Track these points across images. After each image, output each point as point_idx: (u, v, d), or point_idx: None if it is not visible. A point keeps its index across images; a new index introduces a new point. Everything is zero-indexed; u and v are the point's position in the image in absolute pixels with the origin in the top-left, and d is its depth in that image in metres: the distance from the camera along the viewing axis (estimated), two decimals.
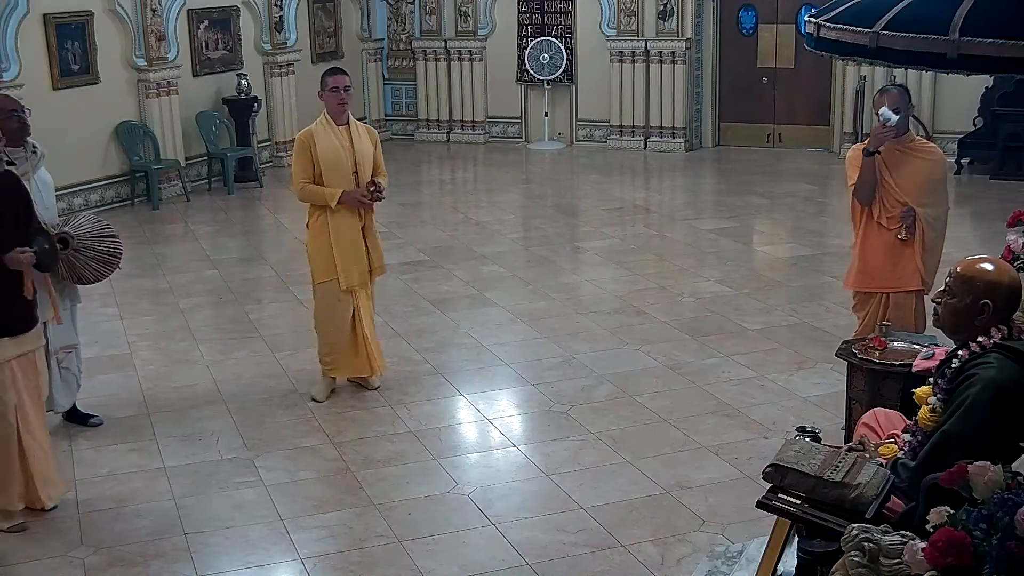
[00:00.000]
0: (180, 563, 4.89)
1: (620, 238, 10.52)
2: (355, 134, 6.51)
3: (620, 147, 14.83)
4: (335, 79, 6.47)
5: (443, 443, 6.07)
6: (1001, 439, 3.32)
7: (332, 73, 6.57)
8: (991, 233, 9.29)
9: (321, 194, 6.41)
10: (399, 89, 16.27)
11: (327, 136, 6.43)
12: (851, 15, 3.46)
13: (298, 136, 6.56)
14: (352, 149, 6.46)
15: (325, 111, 6.51)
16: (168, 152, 12.48)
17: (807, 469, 3.66)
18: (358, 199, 6.43)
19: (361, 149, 6.49)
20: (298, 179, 6.45)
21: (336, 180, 6.40)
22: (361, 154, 6.48)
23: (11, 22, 10.81)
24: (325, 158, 6.38)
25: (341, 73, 6.57)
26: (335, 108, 6.45)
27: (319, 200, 6.45)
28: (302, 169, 6.42)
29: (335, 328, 6.59)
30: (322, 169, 6.39)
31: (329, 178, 6.40)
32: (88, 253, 5.93)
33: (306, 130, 6.52)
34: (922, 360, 4.46)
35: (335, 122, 6.46)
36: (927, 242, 5.85)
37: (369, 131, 6.66)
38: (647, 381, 6.83)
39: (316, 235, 6.53)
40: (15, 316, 5.11)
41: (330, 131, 6.44)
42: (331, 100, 6.45)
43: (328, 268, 6.52)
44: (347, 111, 6.50)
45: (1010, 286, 3.64)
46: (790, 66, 14.45)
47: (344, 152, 6.43)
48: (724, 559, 4.70)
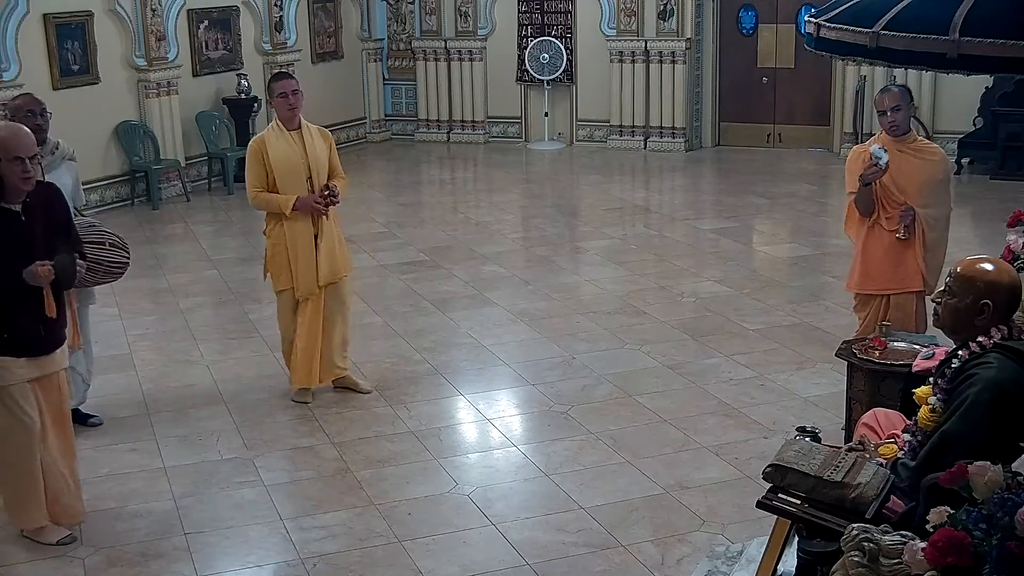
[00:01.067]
0: (180, 563, 4.89)
1: (620, 238, 10.52)
2: (308, 138, 6.40)
3: (620, 147, 14.83)
4: (281, 84, 6.37)
5: (443, 443, 6.07)
6: (1001, 439, 3.32)
7: (278, 79, 6.47)
8: (991, 233, 9.29)
9: (275, 202, 6.32)
10: (399, 89, 16.27)
11: (279, 142, 6.33)
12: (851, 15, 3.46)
13: (250, 144, 6.45)
14: (306, 154, 6.35)
15: (276, 117, 6.43)
16: (168, 152, 12.48)
17: (807, 469, 3.66)
18: (312, 205, 6.33)
19: (315, 154, 6.38)
20: (251, 187, 6.36)
21: (290, 186, 6.31)
22: (315, 159, 6.37)
23: (11, 22, 10.82)
24: (278, 165, 6.29)
25: (287, 78, 6.49)
26: (285, 114, 6.35)
27: (273, 208, 6.35)
28: (255, 177, 6.33)
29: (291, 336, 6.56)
30: (276, 176, 6.30)
31: (283, 185, 6.31)
32: None
33: (257, 137, 6.44)
34: (922, 360, 4.46)
35: (287, 127, 6.37)
36: (928, 243, 5.85)
37: (323, 133, 6.55)
38: (647, 381, 6.83)
39: (274, 243, 6.45)
40: (34, 336, 4.85)
41: (282, 137, 6.35)
42: (281, 106, 6.35)
43: (286, 276, 6.46)
44: (298, 116, 6.39)
45: (1010, 286, 3.65)
46: (790, 66, 14.45)
47: (297, 158, 6.33)
48: (724, 559, 4.70)
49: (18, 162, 4.70)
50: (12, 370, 4.82)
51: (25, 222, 4.81)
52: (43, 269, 4.77)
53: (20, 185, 4.74)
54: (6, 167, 4.69)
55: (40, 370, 4.93)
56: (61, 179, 5.94)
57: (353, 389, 6.73)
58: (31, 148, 4.79)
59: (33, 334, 4.86)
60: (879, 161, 5.60)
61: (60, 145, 5.98)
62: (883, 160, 5.60)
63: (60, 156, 5.98)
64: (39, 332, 4.88)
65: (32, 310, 4.82)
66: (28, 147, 4.77)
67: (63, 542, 5.04)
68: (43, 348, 4.92)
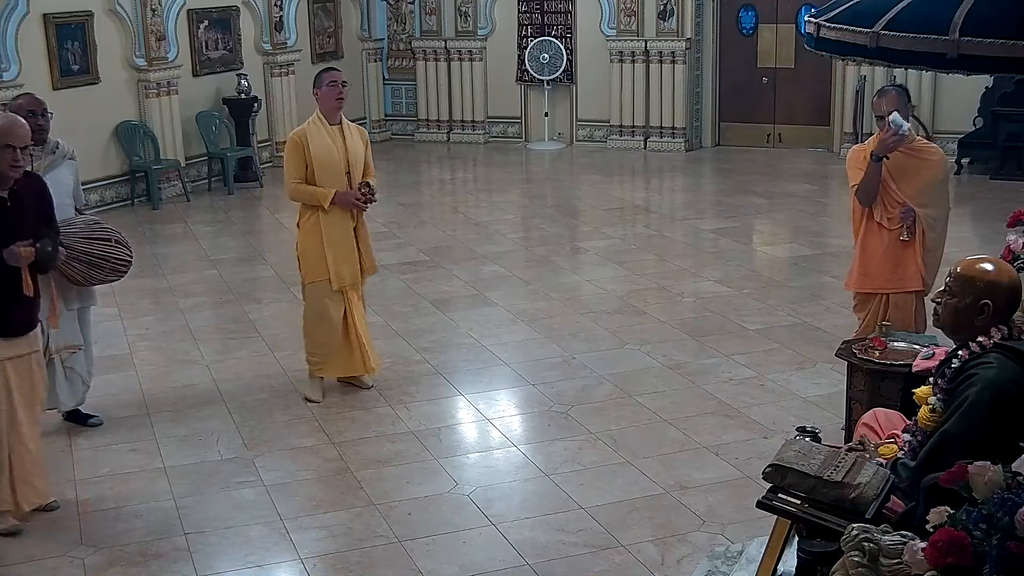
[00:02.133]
0: (180, 563, 4.89)
1: (620, 238, 10.52)
2: (347, 134, 6.48)
3: (620, 147, 14.83)
4: (333, 74, 6.47)
5: (443, 443, 6.07)
6: (1001, 439, 3.32)
7: (328, 70, 6.57)
8: (991, 233, 9.29)
9: (314, 194, 6.37)
10: (399, 89, 16.27)
11: (320, 135, 6.39)
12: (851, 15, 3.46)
13: (290, 135, 6.51)
14: (345, 149, 6.43)
15: (318, 111, 6.47)
16: (168, 152, 12.48)
17: (807, 469, 3.66)
18: (352, 201, 6.41)
19: (354, 149, 6.46)
20: (290, 178, 6.41)
21: (329, 180, 6.37)
22: (354, 154, 6.45)
23: (11, 22, 10.82)
24: (319, 158, 6.35)
25: (337, 70, 6.58)
26: (333, 104, 6.40)
27: (311, 200, 6.41)
28: (294, 168, 6.38)
29: (327, 328, 6.57)
30: (315, 169, 6.36)
31: (322, 178, 6.37)
32: (70, 253, 5.75)
33: (299, 129, 6.49)
34: (922, 360, 4.46)
35: (328, 121, 6.43)
36: (927, 243, 5.84)
37: (360, 131, 6.63)
38: (647, 381, 6.83)
39: (307, 235, 6.50)
40: (11, 317, 5.03)
41: (323, 130, 6.41)
42: (329, 95, 6.40)
43: (319, 268, 6.49)
44: (341, 109, 6.47)
45: (1010, 286, 3.64)
46: (790, 66, 14.45)
47: (337, 152, 6.40)
48: (724, 559, 4.70)
49: (9, 150, 4.85)
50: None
51: (11, 208, 4.95)
52: (25, 250, 4.93)
53: (8, 172, 4.89)
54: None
55: (13, 350, 5.05)
56: (62, 178, 5.95)
57: (357, 384, 6.75)
58: (24, 139, 4.94)
59: (8, 315, 5.00)
60: (900, 128, 5.57)
61: (60, 144, 5.99)
62: (904, 128, 5.57)
63: (61, 155, 5.98)
64: (15, 313, 5.02)
65: (9, 292, 4.96)
66: (22, 137, 4.92)
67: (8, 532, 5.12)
68: (18, 329, 5.06)
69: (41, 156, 5.80)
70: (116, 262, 6.05)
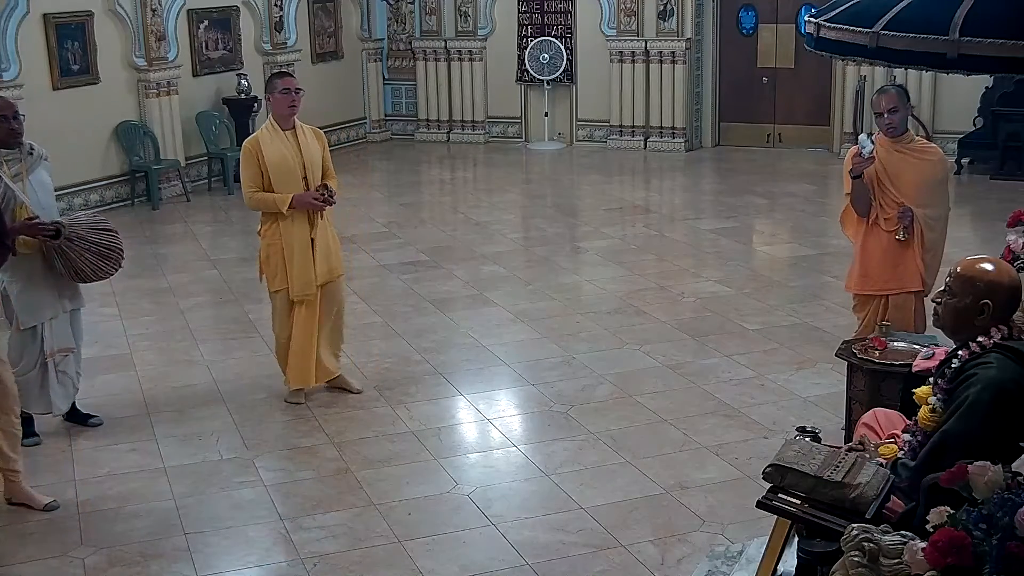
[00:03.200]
0: (180, 563, 4.89)
1: (620, 238, 10.52)
2: (302, 138, 6.42)
3: (620, 147, 14.83)
4: (285, 80, 6.43)
5: (443, 443, 6.07)
6: (1001, 439, 3.32)
7: (282, 76, 6.54)
8: (991, 233, 9.29)
9: (271, 201, 6.31)
10: (399, 89, 16.27)
11: (274, 142, 6.35)
12: (851, 15, 3.46)
13: (244, 144, 6.46)
14: (300, 154, 6.37)
15: (271, 116, 6.44)
16: (168, 152, 12.48)
17: (807, 469, 3.66)
18: (310, 201, 6.33)
19: (310, 153, 6.40)
20: (247, 187, 6.36)
21: (286, 186, 6.31)
22: (310, 158, 6.39)
23: (11, 22, 10.82)
24: (273, 164, 6.29)
25: (290, 76, 6.56)
26: (285, 111, 6.36)
27: (270, 207, 6.35)
28: (250, 177, 6.33)
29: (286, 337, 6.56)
30: (271, 175, 6.30)
31: (279, 184, 6.31)
32: (82, 244, 5.84)
33: (251, 137, 6.45)
34: (922, 360, 4.46)
35: (281, 127, 6.38)
36: (927, 243, 5.84)
37: (316, 133, 6.56)
38: (647, 381, 6.83)
39: (269, 243, 6.45)
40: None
41: (276, 137, 6.36)
42: (282, 102, 6.36)
43: (281, 277, 6.45)
44: (294, 115, 6.41)
45: (1010, 286, 3.64)
46: (790, 66, 14.45)
47: (292, 157, 6.34)
48: (724, 559, 4.70)
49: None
50: None
51: None
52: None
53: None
54: None
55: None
56: (44, 179, 5.96)
57: (346, 389, 6.73)
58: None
59: None
60: (862, 150, 5.61)
61: (35, 147, 5.95)
62: (867, 149, 5.60)
63: (38, 157, 5.96)
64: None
65: None
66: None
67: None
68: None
69: (20, 159, 5.79)
70: (120, 252, 6.11)
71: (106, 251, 6.00)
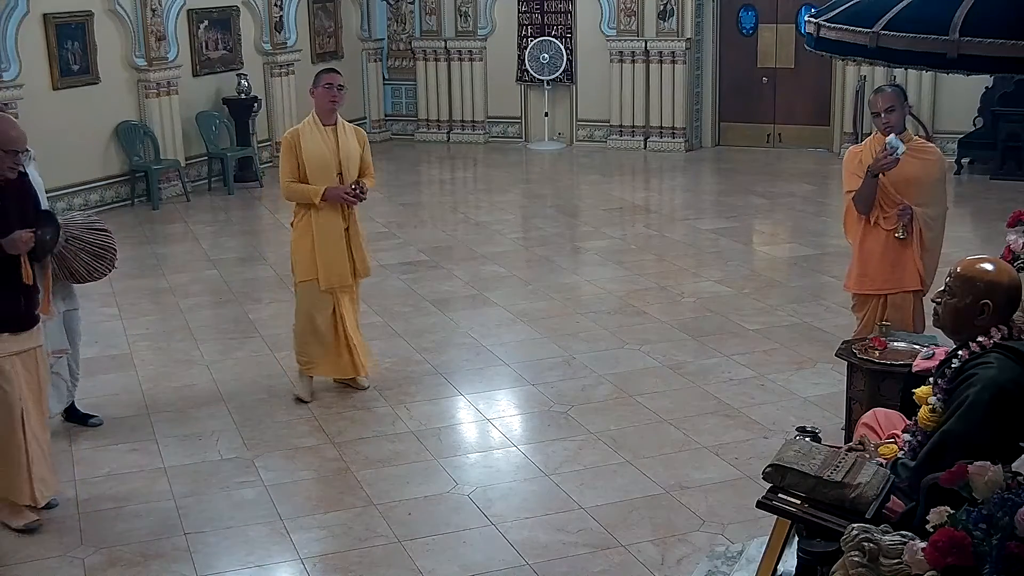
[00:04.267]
0: (180, 563, 4.89)
1: (620, 238, 10.52)
2: (342, 135, 6.52)
3: (620, 147, 14.83)
4: (330, 76, 6.51)
5: (443, 443, 6.07)
6: (1001, 439, 3.32)
7: (328, 71, 6.61)
8: (991, 233, 9.29)
9: (305, 192, 6.43)
10: (399, 89, 16.27)
11: (313, 136, 6.44)
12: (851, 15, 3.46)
13: (284, 135, 6.59)
14: (338, 150, 6.47)
15: (314, 111, 6.52)
16: (168, 152, 12.48)
17: (807, 469, 3.66)
18: (341, 195, 6.44)
19: (347, 150, 6.50)
20: (284, 177, 6.49)
21: (321, 180, 6.42)
22: (347, 155, 6.49)
23: (11, 22, 10.82)
24: (310, 158, 6.40)
25: (336, 72, 6.61)
26: (326, 105, 6.45)
27: (303, 198, 6.47)
28: (288, 168, 6.45)
29: (314, 328, 6.60)
30: (307, 169, 6.41)
31: (314, 178, 6.42)
32: (77, 244, 5.85)
33: (293, 129, 6.55)
34: (922, 360, 4.46)
35: (323, 122, 6.47)
36: (925, 242, 5.84)
37: (358, 132, 6.67)
38: (647, 381, 6.83)
39: (300, 234, 6.56)
40: (16, 312, 5.07)
41: (317, 131, 6.46)
42: (323, 97, 6.45)
43: (310, 267, 6.53)
44: (336, 111, 6.50)
45: (1010, 286, 3.64)
46: (790, 66, 14.45)
47: (330, 153, 6.44)
48: (724, 559, 4.70)
49: (11, 155, 4.96)
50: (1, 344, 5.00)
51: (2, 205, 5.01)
52: (26, 235, 4.99)
53: (7, 174, 4.99)
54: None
55: (20, 345, 5.10)
56: (34, 177, 5.96)
57: (352, 385, 6.75)
58: (24, 142, 5.06)
59: (13, 310, 5.05)
60: (895, 152, 5.58)
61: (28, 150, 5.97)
62: (900, 150, 5.57)
63: (29, 157, 5.98)
64: (19, 307, 5.08)
65: (11, 286, 5.01)
66: (24, 141, 5.05)
67: (28, 527, 5.16)
68: (23, 323, 5.11)
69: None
70: (114, 252, 6.12)
71: (100, 251, 6.01)
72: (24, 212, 5.15)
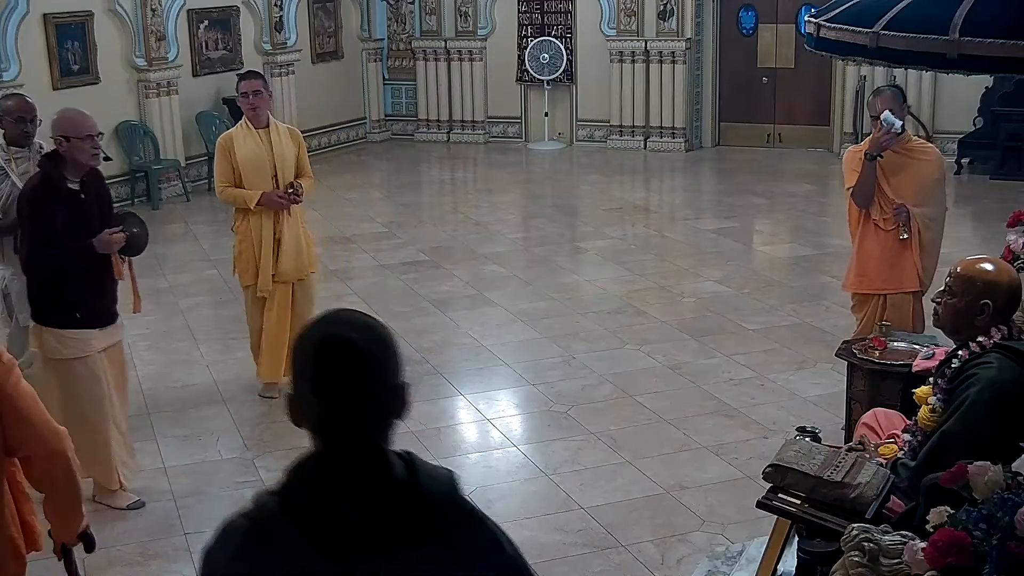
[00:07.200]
0: (180, 563, 4.89)
1: (620, 238, 10.52)
2: (275, 137, 6.53)
3: (620, 147, 14.83)
4: (244, 84, 6.52)
5: (443, 443, 6.07)
6: (1001, 439, 3.32)
7: (244, 77, 6.62)
8: (991, 233, 9.28)
9: (241, 197, 6.48)
10: (399, 89, 16.26)
11: (247, 140, 6.46)
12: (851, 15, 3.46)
13: (218, 140, 6.63)
14: (272, 152, 6.48)
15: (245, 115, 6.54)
16: (168, 152, 12.48)
17: (807, 469, 3.66)
18: (276, 200, 6.46)
19: (281, 152, 6.51)
20: (219, 182, 6.54)
21: (256, 183, 6.46)
22: (281, 157, 6.50)
23: (11, 22, 10.82)
24: (244, 161, 6.43)
25: (253, 78, 6.59)
26: (248, 114, 6.48)
27: (239, 202, 6.52)
28: (223, 173, 6.49)
29: (255, 331, 6.68)
30: (242, 172, 6.44)
31: (249, 181, 6.45)
32: None
33: (226, 133, 6.61)
34: (922, 360, 4.46)
35: (254, 125, 6.48)
36: (924, 243, 5.84)
37: (292, 132, 6.68)
38: (647, 381, 6.83)
39: (241, 239, 6.62)
40: (102, 309, 5.25)
41: (250, 135, 6.47)
42: (242, 104, 6.49)
43: (252, 272, 6.59)
44: (262, 115, 6.48)
45: (1010, 286, 3.65)
46: (790, 66, 14.45)
47: (264, 155, 6.46)
48: (724, 559, 4.70)
49: (89, 140, 5.04)
50: (89, 342, 5.19)
51: (85, 200, 5.13)
52: (116, 235, 5.12)
53: (90, 162, 5.09)
54: (77, 146, 5.01)
55: (110, 339, 5.31)
56: None
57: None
58: (96, 126, 5.16)
59: (103, 306, 5.25)
60: (892, 126, 5.57)
61: (43, 147, 6.01)
62: (896, 126, 5.56)
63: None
64: (107, 303, 5.27)
65: (99, 285, 5.20)
66: (95, 125, 5.15)
67: (133, 506, 5.36)
68: (111, 318, 5.31)
69: (28, 158, 5.88)
70: None
71: None
72: (103, 207, 5.26)
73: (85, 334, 5.16)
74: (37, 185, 5.08)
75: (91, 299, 5.17)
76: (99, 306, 5.22)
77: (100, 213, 5.21)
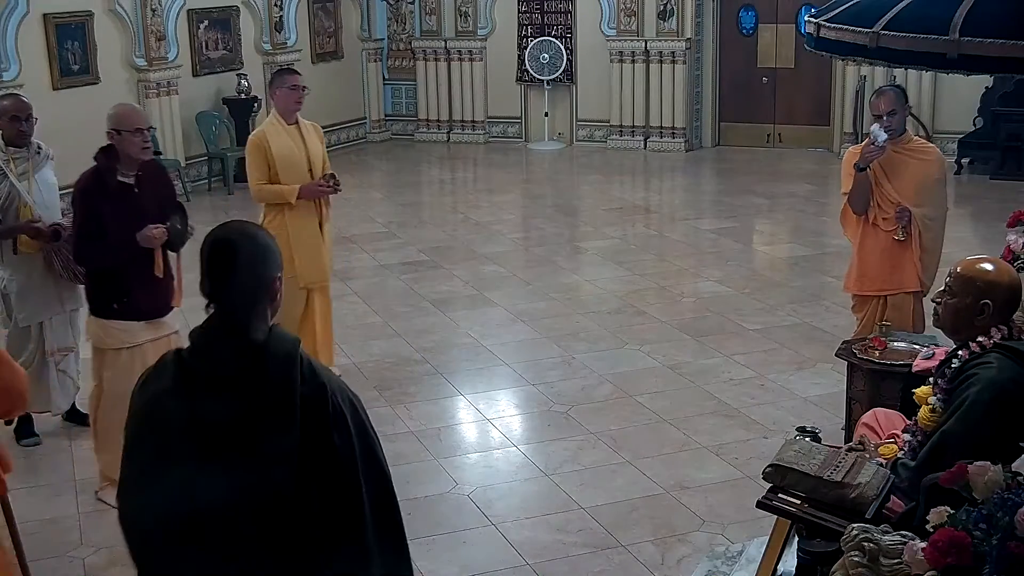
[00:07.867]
0: None
1: (620, 238, 10.52)
2: (305, 133, 6.55)
3: (620, 147, 14.83)
4: (294, 77, 6.54)
5: (443, 443, 6.07)
6: (1001, 439, 3.32)
7: (290, 72, 6.65)
8: (991, 233, 9.28)
9: (279, 192, 6.42)
10: (399, 89, 16.26)
11: (280, 136, 6.44)
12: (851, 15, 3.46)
13: (250, 138, 6.56)
14: (305, 147, 6.49)
15: (275, 111, 6.53)
16: (168, 152, 12.46)
17: (807, 469, 3.66)
18: (318, 189, 6.45)
19: (314, 147, 6.54)
20: (254, 180, 6.45)
21: (292, 178, 6.42)
22: (313, 151, 6.53)
23: (11, 22, 10.82)
24: (281, 157, 6.39)
25: (297, 73, 6.66)
26: (291, 106, 6.45)
27: (277, 199, 6.45)
28: (257, 170, 6.42)
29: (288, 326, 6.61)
30: (278, 169, 6.40)
31: (285, 177, 6.42)
32: None
33: (258, 131, 6.55)
34: (922, 360, 4.46)
35: (286, 121, 6.48)
36: (924, 243, 5.83)
37: (316, 128, 6.70)
38: (647, 381, 6.83)
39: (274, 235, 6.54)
40: (148, 302, 5.25)
41: (282, 131, 6.46)
42: (289, 97, 6.44)
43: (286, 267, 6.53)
44: (299, 111, 6.51)
45: (1010, 286, 3.65)
46: (790, 66, 14.45)
47: (298, 151, 6.46)
48: (724, 559, 4.70)
49: (139, 133, 5.07)
50: (135, 333, 5.23)
51: (139, 194, 5.16)
52: (158, 231, 5.13)
53: (140, 155, 5.12)
54: (127, 139, 5.05)
55: (156, 332, 5.30)
56: (50, 179, 6.01)
57: None
58: (147, 120, 5.23)
59: (149, 300, 5.27)
60: (876, 140, 5.59)
61: (42, 146, 6.01)
62: (880, 140, 5.58)
63: (44, 156, 6.02)
64: (154, 296, 5.30)
65: (146, 277, 5.22)
66: (146, 119, 5.23)
67: None
68: (159, 311, 5.34)
69: (27, 158, 5.84)
70: None
71: None
72: (160, 199, 5.27)
73: (130, 326, 5.20)
74: (88, 177, 5.13)
75: (136, 292, 5.18)
76: (144, 299, 5.22)
77: (158, 207, 5.20)
